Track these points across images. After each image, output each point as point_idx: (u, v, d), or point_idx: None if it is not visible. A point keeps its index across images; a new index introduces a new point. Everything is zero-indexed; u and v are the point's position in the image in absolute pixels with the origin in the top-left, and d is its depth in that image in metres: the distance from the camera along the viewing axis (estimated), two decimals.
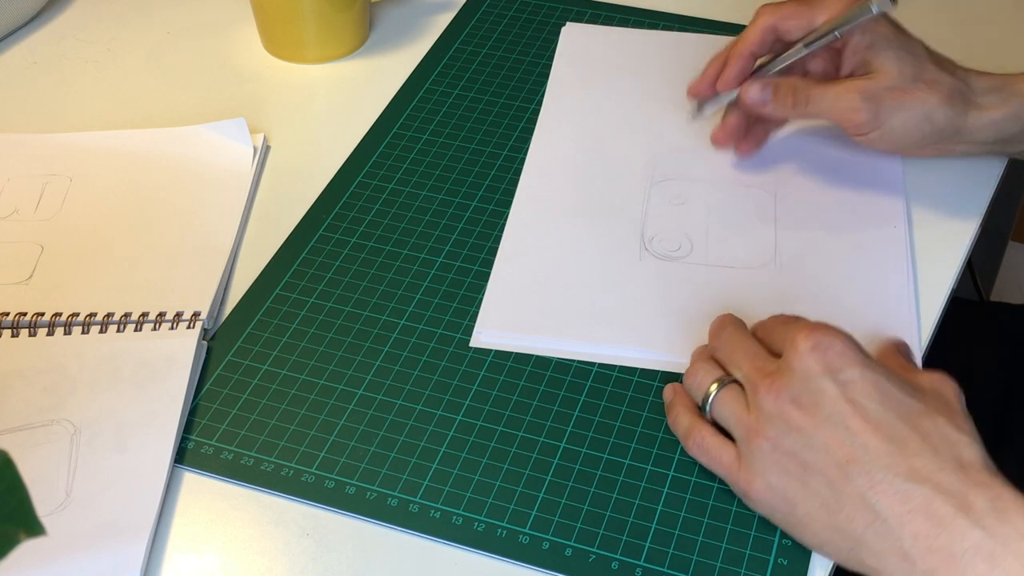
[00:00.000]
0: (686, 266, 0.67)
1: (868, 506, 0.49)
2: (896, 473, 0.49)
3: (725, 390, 0.56)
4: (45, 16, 0.88)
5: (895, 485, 0.49)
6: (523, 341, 0.63)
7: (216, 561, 0.54)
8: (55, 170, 0.74)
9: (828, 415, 0.51)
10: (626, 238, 0.68)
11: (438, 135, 0.77)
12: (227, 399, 0.60)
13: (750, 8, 0.88)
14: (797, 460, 0.52)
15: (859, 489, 0.50)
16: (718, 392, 0.56)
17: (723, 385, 0.56)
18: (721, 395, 0.56)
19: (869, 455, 0.50)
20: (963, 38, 0.83)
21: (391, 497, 0.56)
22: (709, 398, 0.56)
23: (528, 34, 0.86)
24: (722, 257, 0.67)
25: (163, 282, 0.66)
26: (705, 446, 0.56)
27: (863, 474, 0.50)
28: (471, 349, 0.63)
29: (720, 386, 0.56)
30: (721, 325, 0.59)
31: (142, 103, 0.80)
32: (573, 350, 0.62)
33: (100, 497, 0.55)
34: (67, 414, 0.59)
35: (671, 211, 0.70)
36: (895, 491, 0.49)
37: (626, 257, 0.67)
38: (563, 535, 0.54)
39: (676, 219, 0.70)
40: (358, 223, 0.71)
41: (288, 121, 0.79)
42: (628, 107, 0.78)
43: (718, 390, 0.56)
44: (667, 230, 0.69)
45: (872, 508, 0.49)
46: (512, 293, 0.65)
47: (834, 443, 0.51)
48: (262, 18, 0.83)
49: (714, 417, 0.56)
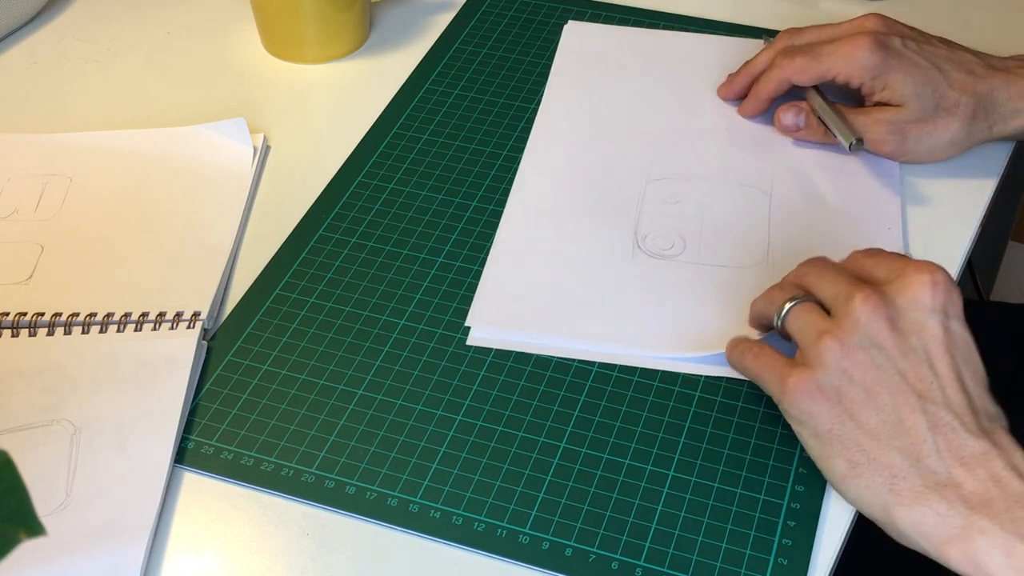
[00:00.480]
0: (679, 264, 0.67)
1: (927, 442, 0.51)
2: (963, 424, 0.51)
3: (803, 303, 0.56)
4: (45, 16, 0.88)
5: (958, 434, 0.51)
6: (514, 337, 0.63)
7: (216, 561, 0.54)
8: (55, 170, 0.74)
9: (917, 347, 0.52)
10: (619, 236, 0.69)
11: (438, 135, 0.77)
12: (227, 399, 0.60)
13: (751, 8, 0.88)
14: (868, 374, 0.52)
15: (923, 424, 0.51)
16: (795, 304, 0.56)
17: (801, 300, 0.56)
18: (798, 307, 0.56)
19: (944, 398, 0.51)
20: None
21: (391, 497, 0.56)
22: (783, 309, 0.56)
23: (528, 34, 0.86)
24: (715, 256, 0.67)
25: (163, 282, 0.66)
26: (760, 353, 0.56)
27: (932, 412, 0.51)
28: (471, 349, 0.63)
29: (798, 300, 0.56)
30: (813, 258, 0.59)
31: (142, 103, 0.80)
32: (563, 346, 0.62)
33: (100, 497, 0.55)
34: (67, 414, 0.59)
35: (666, 210, 0.70)
36: (956, 438, 0.51)
37: (618, 255, 0.67)
38: (563, 535, 0.54)
39: (670, 218, 0.70)
40: (358, 223, 0.71)
41: (288, 121, 0.79)
42: (627, 106, 0.79)
43: (795, 303, 0.56)
44: (661, 229, 0.69)
45: (931, 445, 0.50)
46: (503, 289, 0.65)
47: (913, 374, 0.52)
48: (262, 18, 0.83)
49: (785, 327, 0.56)
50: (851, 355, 0.52)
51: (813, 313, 0.55)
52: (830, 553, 0.54)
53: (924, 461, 0.50)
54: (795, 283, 0.58)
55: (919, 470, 0.50)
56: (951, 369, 0.52)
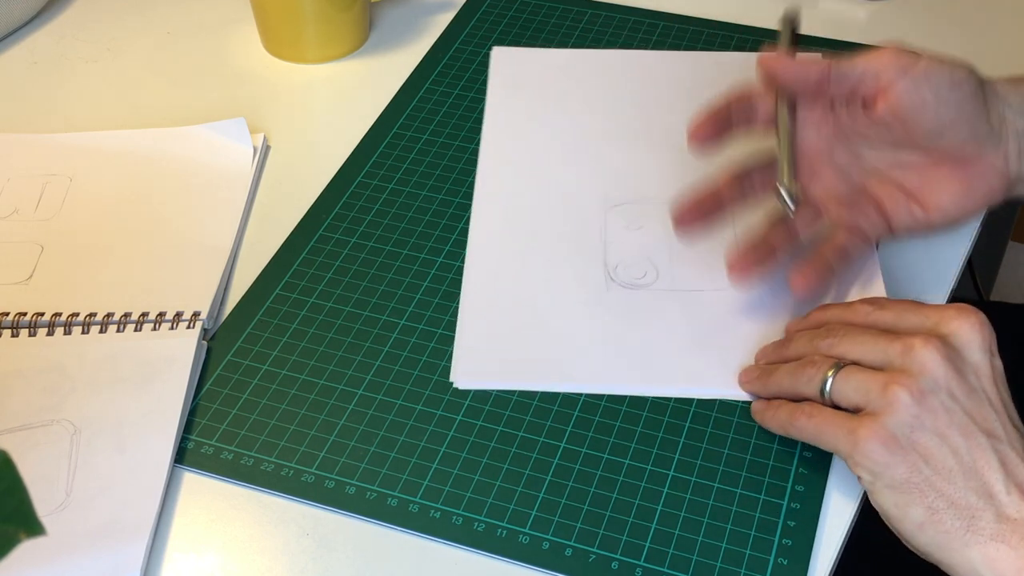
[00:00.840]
0: (654, 293, 0.65)
1: (999, 479, 0.51)
2: (1020, 456, 0.52)
3: (848, 367, 0.54)
4: (45, 16, 0.88)
5: (1020, 467, 0.52)
6: (502, 386, 0.61)
7: (216, 561, 0.54)
8: (55, 170, 0.74)
9: (977, 388, 0.53)
10: (590, 270, 0.66)
11: (438, 135, 0.77)
12: (227, 399, 0.60)
13: (752, 7, 0.88)
14: (940, 418, 0.52)
15: (994, 463, 0.51)
16: (839, 371, 0.54)
17: (843, 366, 0.55)
18: (845, 371, 0.54)
19: (1006, 435, 0.52)
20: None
21: (391, 497, 0.56)
22: (828, 379, 0.55)
23: (528, 34, 0.85)
24: (689, 281, 0.66)
25: (163, 282, 0.66)
26: (814, 411, 0.55)
27: (1001, 451, 0.52)
28: None
29: (838, 368, 0.55)
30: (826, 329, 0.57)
31: (142, 103, 0.80)
32: (556, 391, 0.61)
33: (100, 497, 0.55)
34: (67, 414, 0.59)
35: (631, 236, 0.68)
36: (1021, 471, 0.51)
37: (592, 290, 0.65)
38: (563, 535, 0.54)
39: (637, 244, 0.68)
40: (358, 223, 0.71)
41: (288, 121, 0.79)
42: (572, 131, 0.76)
43: (838, 370, 0.55)
44: (630, 257, 0.67)
45: (1003, 482, 0.51)
46: (482, 340, 0.63)
47: (979, 415, 0.52)
48: (262, 18, 0.83)
49: (834, 398, 0.55)
50: (922, 401, 0.52)
51: (864, 372, 0.54)
52: (830, 553, 0.54)
53: (998, 498, 0.51)
54: (827, 355, 0.56)
55: (994, 507, 0.51)
56: (1004, 406, 0.53)
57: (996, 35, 0.85)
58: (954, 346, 0.53)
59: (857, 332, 0.56)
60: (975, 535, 0.50)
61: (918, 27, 0.85)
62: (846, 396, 0.54)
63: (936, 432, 0.52)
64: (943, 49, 0.69)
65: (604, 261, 0.67)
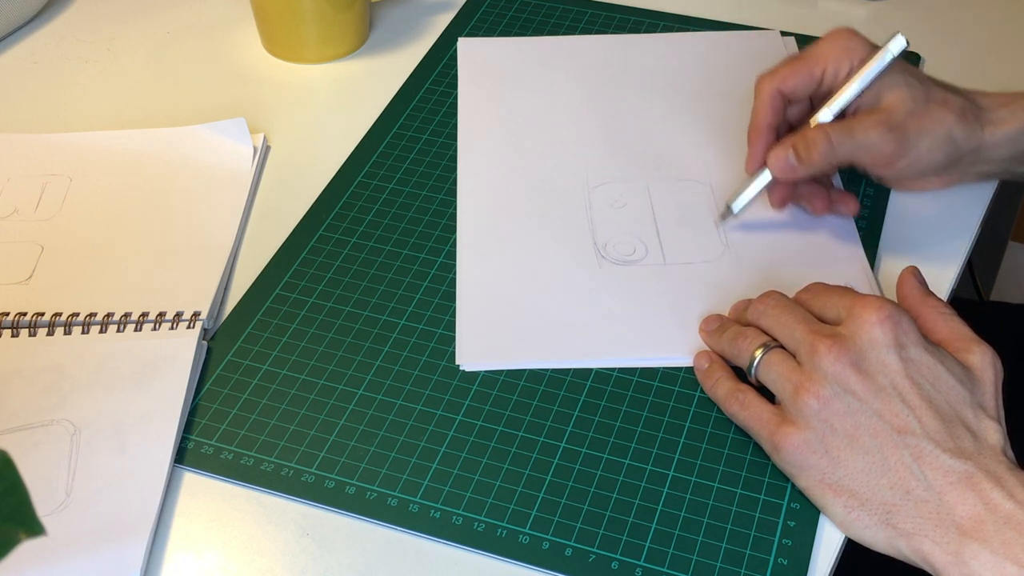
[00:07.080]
0: (646, 268, 0.67)
1: (913, 474, 0.52)
2: (944, 449, 0.52)
3: (772, 352, 0.57)
4: (45, 16, 0.88)
5: (941, 459, 0.52)
6: (507, 366, 0.62)
7: (216, 561, 0.54)
8: (55, 170, 0.74)
9: (886, 385, 0.54)
10: (581, 249, 0.68)
11: (438, 135, 0.77)
12: (227, 399, 0.60)
13: (751, 8, 0.88)
14: (847, 420, 0.53)
15: (906, 458, 0.52)
16: (765, 355, 0.57)
17: (769, 349, 0.57)
18: (768, 357, 0.57)
19: (921, 429, 0.53)
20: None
21: (391, 497, 0.56)
22: (755, 361, 0.58)
23: (528, 34, 0.86)
24: (677, 255, 0.67)
25: (163, 282, 0.66)
26: (746, 402, 0.57)
27: (913, 445, 0.52)
28: None
29: (766, 350, 0.57)
30: (765, 295, 0.60)
31: (142, 103, 0.80)
32: (559, 367, 0.62)
33: (100, 497, 0.55)
34: (67, 414, 0.59)
35: (616, 215, 0.70)
36: (941, 464, 0.52)
37: (586, 268, 0.67)
38: (563, 535, 0.54)
39: (623, 222, 0.70)
40: (358, 223, 0.71)
41: (288, 121, 0.79)
42: (546, 115, 0.78)
43: (764, 353, 0.57)
44: (618, 235, 0.69)
45: (917, 476, 0.52)
46: (482, 322, 0.64)
47: (888, 412, 0.53)
48: (262, 18, 0.83)
49: (759, 379, 0.58)
50: (828, 406, 0.54)
51: (784, 364, 0.56)
52: (830, 553, 0.54)
53: (914, 492, 0.52)
54: (756, 326, 0.59)
55: (912, 501, 0.52)
56: (921, 398, 0.53)
57: (996, 34, 0.85)
58: (858, 347, 0.54)
59: (784, 313, 0.58)
60: (895, 529, 0.52)
61: (918, 26, 0.85)
62: (769, 381, 0.57)
63: (845, 435, 0.54)
64: (943, 48, 0.69)
65: (593, 240, 0.69)
